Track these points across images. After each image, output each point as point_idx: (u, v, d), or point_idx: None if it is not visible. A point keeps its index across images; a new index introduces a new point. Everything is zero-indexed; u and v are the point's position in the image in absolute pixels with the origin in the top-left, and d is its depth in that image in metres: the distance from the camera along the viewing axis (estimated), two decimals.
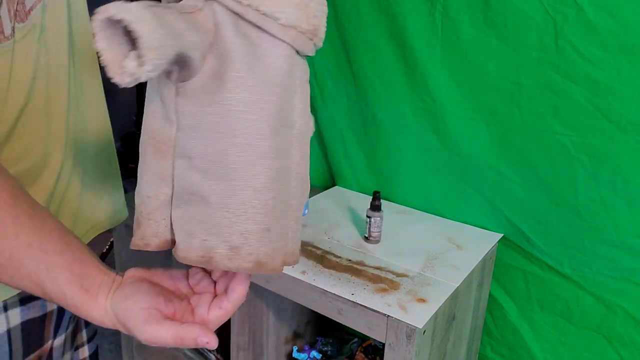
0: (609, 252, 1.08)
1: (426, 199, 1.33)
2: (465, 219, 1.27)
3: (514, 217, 1.19)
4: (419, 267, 1.06)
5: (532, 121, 1.10)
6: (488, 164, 1.18)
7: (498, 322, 1.28)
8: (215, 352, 1.36)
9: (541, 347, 1.22)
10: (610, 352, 1.13)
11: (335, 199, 1.40)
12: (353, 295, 0.95)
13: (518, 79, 1.09)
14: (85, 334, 0.92)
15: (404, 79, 1.25)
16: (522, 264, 1.21)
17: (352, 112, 1.39)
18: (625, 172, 1.02)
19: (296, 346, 1.33)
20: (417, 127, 1.27)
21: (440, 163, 1.26)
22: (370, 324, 0.91)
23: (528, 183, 1.15)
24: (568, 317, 1.17)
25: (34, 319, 0.76)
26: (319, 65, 1.38)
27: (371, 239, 1.15)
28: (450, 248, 1.15)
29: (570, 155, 1.07)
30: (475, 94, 1.15)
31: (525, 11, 1.04)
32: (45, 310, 0.77)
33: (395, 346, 0.88)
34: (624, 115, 0.99)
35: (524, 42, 1.06)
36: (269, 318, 1.24)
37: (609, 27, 0.96)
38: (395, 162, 1.34)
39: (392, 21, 1.21)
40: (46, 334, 0.78)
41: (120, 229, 1.34)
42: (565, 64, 1.03)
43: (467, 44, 1.13)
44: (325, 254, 1.10)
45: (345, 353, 1.32)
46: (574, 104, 1.04)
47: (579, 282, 1.13)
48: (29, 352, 0.75)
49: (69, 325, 0.84)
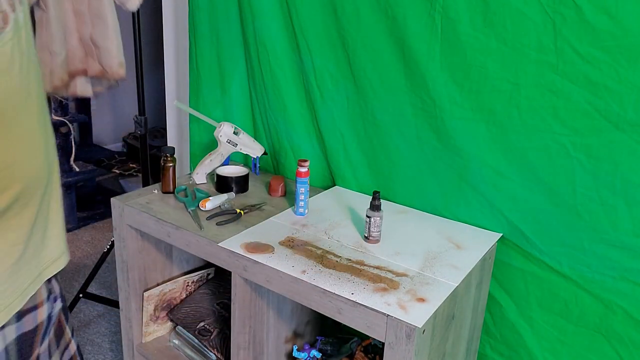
0: (608, 251, 1.08)
1: (426, 198, 1.33)
2: (465, 218, 1.28)
3: (513, 217, 1.19)
4: (419, 266, 1.07)
5: (531, 121, 1.10)
6: (487, 164, 1.19)
7: (497, 321, 1.29)
8: (215, 351, 1.37)
9: (540, 345, 1.23)
10: (609, 351, 1.13)
11: (335, 198, 1.41)
12: (353, 294, 0.95)
13: (517, 79, 1.09)
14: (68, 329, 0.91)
15: (403, 79, 1.25)
16: (521, 263, 1.22)
17: (352, 112, 1.39)
18: (623, 171, 1.02)
19: (296, 345, 1.33)
20: (416, 127, 1.27)
21: (440, 163, 1.27)
22: (370, 324, 0.92)
23: (527, 183, 1.15)
24: (567, 316, 1.17)
25: (27, 332, 0.77)
26: (319, 65, 1.39)
27: (371, 239, 1.15)
28: (450, 248, 1.15)
29: (569, 155, 1.08)
30: (474, 94, 1.16)
31: (525, 12, 1.04)
32: (37, 323, 0.79)
33: (395, 345, 0.89)
34: (623, 116, 1.00)
35: (523, 42, 1.06)
36: (269, 318, 1.25)
37: (608, 27, 0.96)
38: (395, 162, 1.35)
39: (392, 21, 1.22)
40: (35, 343, 0.79)
41: (122, 229, 1.35)
42: (564, 65, 1.03)
43: (467, 44, 1.13)
44: (325, 254, 1.10)
45: (345, 352, 1.32)
46: (572, 104, 1.04)
47: (578, 282, 1.14)
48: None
49: (50, 328, 0.83)
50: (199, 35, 1.62)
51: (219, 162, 1.50)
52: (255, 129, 1.66)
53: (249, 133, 1.59)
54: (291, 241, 1.15)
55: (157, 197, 1.39)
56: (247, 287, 1.14)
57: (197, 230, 1.20)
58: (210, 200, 1.32)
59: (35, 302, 0.77)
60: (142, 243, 1.40)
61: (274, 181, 1.44)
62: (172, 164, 1.41)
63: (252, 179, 1.55)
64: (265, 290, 1.19)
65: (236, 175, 1.45)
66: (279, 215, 1.29)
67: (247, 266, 1.08)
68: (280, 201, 1.40)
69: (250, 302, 1.17)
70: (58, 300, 0.83)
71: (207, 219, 1.26)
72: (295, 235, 1.19)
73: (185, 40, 1.82)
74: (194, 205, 1.31)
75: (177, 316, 1.49)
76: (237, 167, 1.51)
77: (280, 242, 1.15)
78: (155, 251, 1.45)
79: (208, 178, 1.53)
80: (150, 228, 1.28)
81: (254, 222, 1.25)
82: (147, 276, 1.45)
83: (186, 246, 1.21)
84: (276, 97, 1.52)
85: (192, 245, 1.20)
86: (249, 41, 1.52)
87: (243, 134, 1.48)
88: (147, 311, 1.46)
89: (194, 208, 1.31)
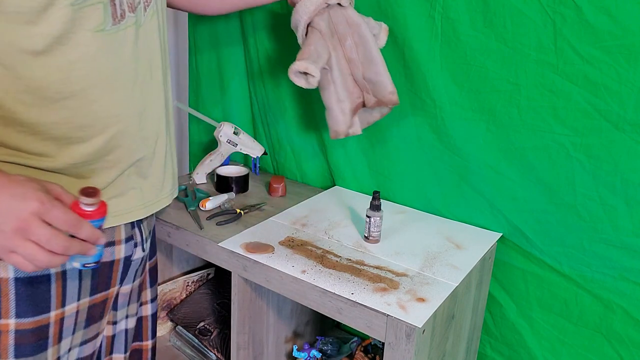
0: (608, 251, 1.08)
1: (425, 198, 1.33)
2: (465, 218, 1.28)
3: (513, 217, 1.20)
4: (419, 266, 1.07)
5: (531, 121, 1.10)
6: (487, 163, 1.19)
7: (497, 321, 1.29)
8: (215, 351, 1.37)
9: (540, 345, 1.23)
10: (609, 351, 1.13)
11: (335, 198, 1.41)
12: (353, 294, 0.95)
13: (517, 79, 1.09)
14: (149, 293, 1.07)
15: (403, 79, 1.25)
16: (521, 263, 1.22)
17: None
18: (623, 171, 1.03)
19: (296, 345, 1.33)
20: (416, 127, 1.27)
21: (440, 163, 1.27)
22: (369, 324, 0.92)
23: (527, 183, 1.15)
24: (567, 316, 1.17)
25: (105, 263, 0.88)
26: None
27: (371, 239, 1.15)
28: (450, 247, 1.15)
29: (569, 155, 1.08)
30: (474, 94, 1.16)
31: (525, 12, 1.05)
32: (114, 258, 0.90)
33: (395, 345, 0.89)
34: (622, 116, 1.00)
35: (523, 42, 1.06)
36: (269, 318, 1.25)
37: (608, 27, 0.96)
38: (395, 162, 1.35)
39: (392, 22, 1.22)
40: (113, 280, 0.91)
41: None
42: (564, 65, 1.03)
43: (467, 44, 1.13)
44: (325, 254, 1.10)
45: (345, 352, 1.32)
46: (572, 104, 1.04)
47: (578, 281, 1.14)
48: (96, 291, 0.88)
49: (135, 278, 0.99)
50: (198, 35, 1.62)
51: (219, 162, 1.50)
52: (255, 129, 1.66)
53: (249, 133, 1.59)
54: (291, 241, 1.15)
55: None
56: (247, 287, 1.14)
57: (197, 230, 1.20)
58: (210, 200, 1.32)
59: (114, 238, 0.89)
60: None
61: (274, 181, 1.44)
62: None
63: (252, 179, 1.55)
64: (265, 290, 1.19)
65: (236, 175, 1.45)
66: (279, 215, 1.29)
67: (247, 266, 1.08)
68: (280, 201, 1.40)
69: (250, 302, 1.17)
70: (139, 248, 0.96)
71: (207, 219, 1.26)
72: (295, 235, 1.19)
73: (185, 40, 1.82)
74: (194, 205, 1.31)
75: (177, 316, 1.50)
76: (237, 167, 1.51)
77: (280, 242, 1.15)
78: None
79: (208, 178, 1.53)
80: None
81: (254, 222, 1.25)
82: None
83: (186, 246, 1.21)
84: (276, 97, 1.52)
85: (192, 245, 1.20)
86: (248, 41, 1.52)
87: (243, 134, 1.48)
88: None
89: (194, 208, 1.31)
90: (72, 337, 0.86)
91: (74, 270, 0.82)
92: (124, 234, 0.90)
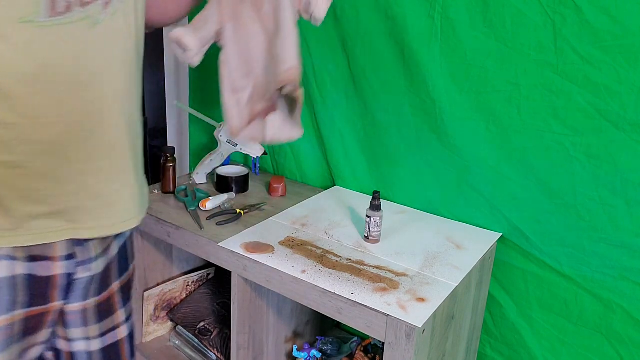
0: (608, 251, 1.08)
1: (425, 198, 1.33)
2: (465, 218, 1.28)
3: (513, 217, 1.20)
4: (419, 266, 1.07)
5: (531, 121, 1.10)
6: (487, 164, 1.19)
7: (497, 321, 1.29)
8: (215, 351, 1.37)
9: (540, 345, 1.23)
10: (609, 351, 1.13)
11: (335, 198, 1.41)
12: (353, 294, 0.95)
13: (517, 79, 1.09)
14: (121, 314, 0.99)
15: (403, 80, 1.25)
16: (521, 263, 1.22)
17: (351, 112, 1.39)
18: (623, 171, 1.02)
19: (296, 345, 1.33)
20: (416, 128, 1.27)
21: (440, 163, 1.27)
22: (369, 323, 0.92)
23: (527, 183, 1.15)
24: (567, 315, 1.17)
25: (40, 277, 0.83)
26: (318, 66, 1.39)
27: (371, 239, 1.15)
28: (450, 247, 1.15)
29: (569, 155, 1.08)
30: (474, 94, 1.16)
31: (525, 12, 1.05)
32: (50, 274, 0.83)
33: (395, 345, 0.89)
34: (622, 115, 1.00)
35: (523, 43, 1.06)
36: (269, 318, 1.25)
37: (608, 28, 0.96)
38: (395, 162, 1.35)
39: (391, 22, 1.22)
40: (52, 296, 0.85)
41: None
42: (564, 65, 1.03)
43: (467, 44, 1.13)
44: (325, 254, 1.10)
45: (345, 352, 1.32)
46: (572, 105, 1.04)
47: (578, 281, 1.14)
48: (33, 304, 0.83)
49: (88, 297, 0.90)
50: None
51: (219, 162, 1.50)
52: None
53: None
54: (291, 241, 1.15)
55: (157, 197, 1.39)
56: (247, 287, 1.14)
57: (197, 230, 1.20)
58: (210, 200, 1.32)
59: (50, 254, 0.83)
60: (142, 243, 1.40)
61: (274, 181, 1.44)
62: (172, 164, 1.41)
63: (252, 179, 1.55)
64: (265, 290, 1.19)
65: (236, 175, 1.45)
66: (279, 215, 1.29)
67: (247, 266, 1.08)
68: (280, 201, 1.40)
69: (250, 302, 1.17)
70: (83, 267, 0.88)
71: (207, 219, 1.26)
72: (295, 235, 1.19)
73: None
74: (194, 205, 1.31)
75: (177, 316, 1.50)
76: (237, 167, 1.51)
77: (280, 242, 1.15)
78: (155, 251, 1.45)
79: (208, 178, 1.53)
80: (150, 228, 1.28)
81: (254, 222, 1.25)
82: (147, 276, 1.45)
83: (186, 246, 1.21)
84: None
85: (192, 245, 1.20)
86: None
87: None
88: (147, 311, 1.46)
89: (194, 208, 1.31)
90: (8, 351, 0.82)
91: (2, 280, 0.78)
92: (61, 251, 0.83)
